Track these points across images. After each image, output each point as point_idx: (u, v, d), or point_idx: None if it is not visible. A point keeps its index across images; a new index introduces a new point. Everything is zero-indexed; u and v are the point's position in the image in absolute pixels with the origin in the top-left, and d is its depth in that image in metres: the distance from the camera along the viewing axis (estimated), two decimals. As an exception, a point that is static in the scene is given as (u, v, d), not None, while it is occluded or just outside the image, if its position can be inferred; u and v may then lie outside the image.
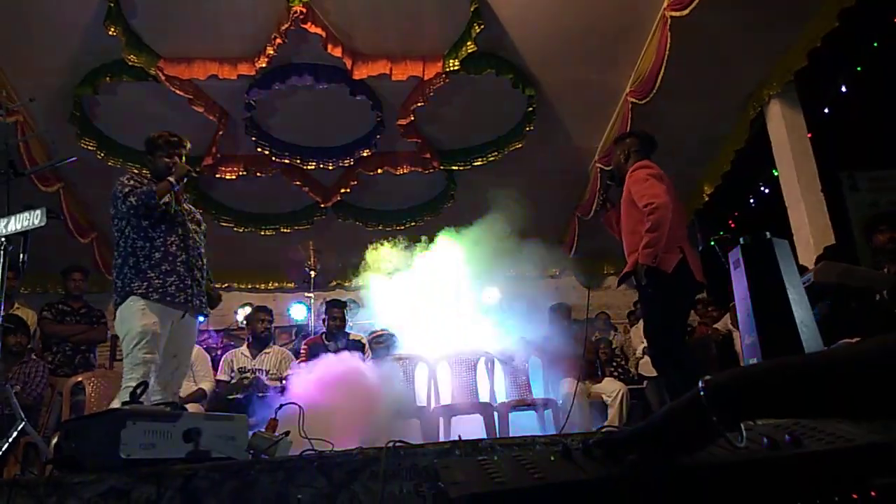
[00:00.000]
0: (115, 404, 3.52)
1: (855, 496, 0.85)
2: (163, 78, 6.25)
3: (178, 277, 3.54)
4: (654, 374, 5.52)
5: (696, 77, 6.38)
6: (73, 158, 5.28)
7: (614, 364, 6.73)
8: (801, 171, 6.40)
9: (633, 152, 3.96)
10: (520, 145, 7.44)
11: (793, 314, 2.48)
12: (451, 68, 6.34)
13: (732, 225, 9.14)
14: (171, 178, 3.60)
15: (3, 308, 3.34)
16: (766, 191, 8.25)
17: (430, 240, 6.83)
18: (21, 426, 3.20)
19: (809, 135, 6.61)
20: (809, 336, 2.44)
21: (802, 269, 4.11)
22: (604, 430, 2.19)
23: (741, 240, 2.71)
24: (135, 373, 3.31)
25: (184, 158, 3.80)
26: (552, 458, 0.93)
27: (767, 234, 2.63)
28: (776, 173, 6.94)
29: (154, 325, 3.39)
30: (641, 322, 5.77)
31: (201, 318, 4.08)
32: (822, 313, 3.63)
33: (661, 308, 3.62)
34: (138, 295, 3.42)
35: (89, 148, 6.85)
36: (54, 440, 3.41)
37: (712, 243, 4.54)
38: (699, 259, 3.65)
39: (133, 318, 3.39)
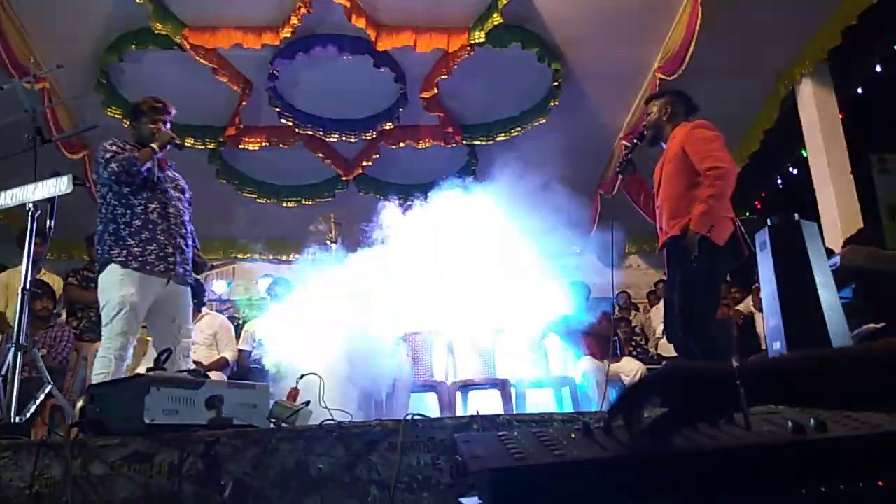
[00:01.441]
0: (140, 370, 3.58)
1: (881, 483, 0.84)
2: (188, 46, 6.25)
3: (158, 245, 3.47)
4: (674, 354, 5.49)
5: (726, 54, 6.24)
6: (97, 126, 5.34)
7: (633, 343, 6.71)
8: (831, 153, 6.28)
9: (676, 110, 3.65)
10: (543, 120, 7.37)
11: (819, 298, 2.43)
12: (477, 41, 6.27)
13: (758, 206, 9.02)
14: (154, 145, 3.53)
15: (31, 273, 3.39)
16: (794, 171, 8.11)
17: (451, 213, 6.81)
18: (48, 389, 3.27)
19: (841, 115, 6.46)
20: (835, 320, 2.40)
21: (829, 252, 4.04)
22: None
23: (769, 221, 2.64)
24: (112, 343, 3.31)
25: (168, 125, 3.71)
26: (572, 436, 0.93)
27: (796, 215, 2.56)
28: (805, 154, 6.81)
29: (132, 295, 3.35)
30: (662, 302, 5.72)
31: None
32: (848, 297, 3.57)
33: (705, 281, 3.27)
34: (117, 263, 3.39)
35: (115, 116, 6.90)
36: (79, 404, 3.49)
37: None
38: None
39: (112, 287, 3.37)
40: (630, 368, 5.77)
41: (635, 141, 3.91)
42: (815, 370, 0.80)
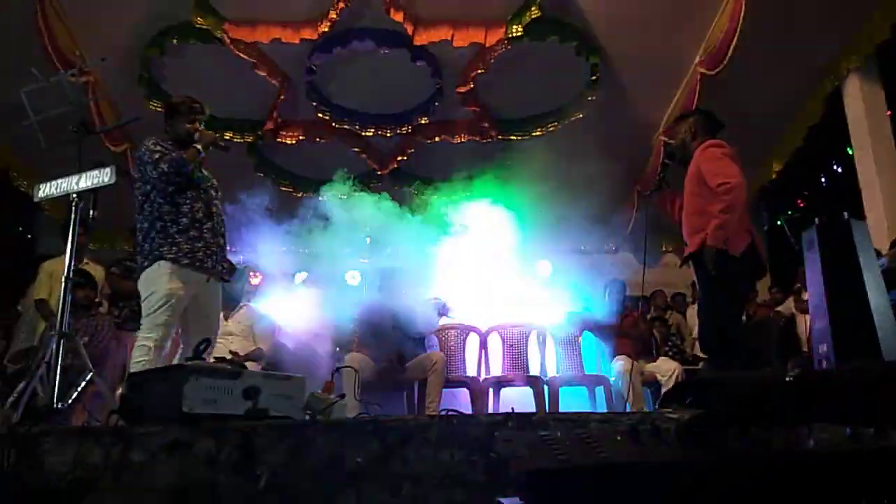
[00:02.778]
0: (177, 360, 3.63)
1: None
2: (228, 41, 6.32)
3: (205, 244, 3.55)
4: (712, 354, 5.40)
5: (771, 48, 6.09)
6: (139, 118, 5.43)
7: (669, 343, 6.60)
8: (878, 150, 6.11)
9: (700, 130, 3.80)
10: (581, 115, 7.29)
11: (868, 300, 2.36)
12: (514, 34, 6.22)
13: (801, 204, 8.80)
14: (199, 146, 3.57)
15: (73, 262, 3.46)
16: (839, 169, 7.90)
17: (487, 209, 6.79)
18: (89, 376, 3.34)
19: (889, 112, 6.28)
20: (884, 322, 2.32)
21: (877, 253, 3.92)
22: (662, 411, 2.14)
23: (816, 220, 2.58)
24: (153, 332, 3.36)
25: (202, 125, 3.74)
26: (618, 438, 0.90)
27: (846, 214, 2.50)
28: (851, 151, 6.63)
29: (179, 289, 3.43)
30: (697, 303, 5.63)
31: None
32: (896, 300, 3.46)
33: (724, 293, 3.48)
34: (168, 260, 3.44)
35: (157, 109, 7.01)
36: (119, 391, 3.56)
37: (780, 223, 4.38)
38: (763, 243, 3.54)
39: (160, 280, 3.42)
40: (666, 369, 5.68)
41: (667, 161, 4.13)
42: (869, 386, 0.77)
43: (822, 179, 8.44)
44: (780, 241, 3.80)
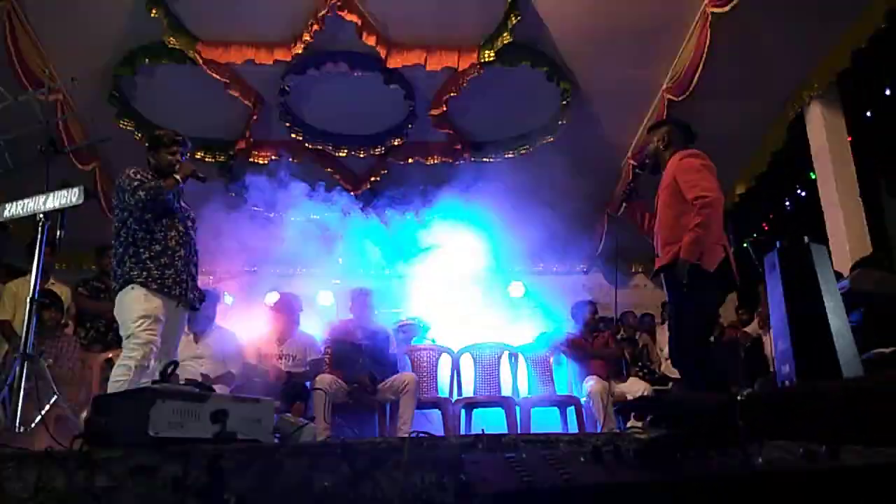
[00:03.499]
0: (146, 382, 3.58)
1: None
2: (200, 61, 6.31)
3: (176, 271, 3.64)
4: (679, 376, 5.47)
5: (735, 76, 6.26)
6: (109, 138, 5.39)
7: (640, 364, 6.67)
8: (840, 176, 6.26)
9: (674, 140, 3.77)
10: (552, 139, 7.39)
11: (828, 322, 2.42)
12: (487, 59, 6.31)
13: (766, 227, 8.98)
14: (178, 176, 3.71)
15: (39, 283, 3.41)
16: (803, 194, 8.09)
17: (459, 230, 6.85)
18: (54, 399, 3.27)
19: (850, 139, 6.45)
20: (844, 345, 2.38)
21: (837, 276, 4.02)
22: (630, 431, 2.16)
23: (778, 243, 2.65)
24: (136, 352, 3.40)
25: (184, 157, 3.89)
26: (582, 459, 0.92)
27: (806, 238, 2.57)
28: (813, 176, 6.80)
29: (156, 308, 3.51)
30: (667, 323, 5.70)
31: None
32: (857, 321, 3.55)
33: (695, 307, 3.43)
34: (138, 283, 3.53)
35: (127, 128, 6.95)
36: (84, 415, 3.49)
37: (746, 245, 4.46)
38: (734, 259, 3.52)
39: (135, 302, 3.50)
40: (636, 389, 5.74)
41: (637, 171, 4.12)
42: (821, 404, 0.80)
43: (787, 203, 8.62)
44: (744, 263, 3.84)
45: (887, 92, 6.87)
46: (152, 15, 5.75)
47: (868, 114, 7.05)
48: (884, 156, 7.09)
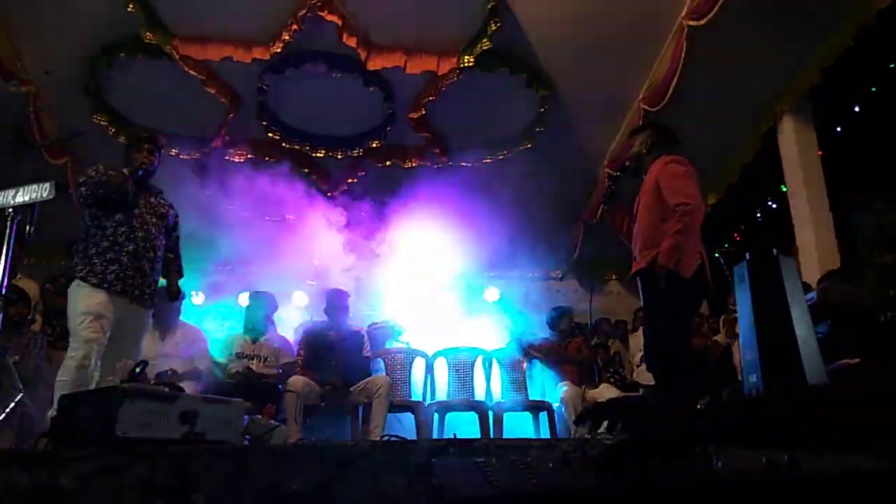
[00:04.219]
0: (113, 381, 3.53)
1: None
2: (177, 57, 6.24)
3: (120, 266, 3.63)
4: (652, 382, 5.52)
5: (710, 88, 6.35)
6: (81, 133, 5.31)
7: (611, 370, 6.72)
8: (811, 189, 6.38)
9: (656, 144, 3.80)
10: (529, 145, 7.44)
11: (795, 333, 2.47)
12: (466, 64, 6.33)
13: (738, 238, 9.13)
14: (125, 170, 3.75)
15: (6, 278, 3.35)
16: (774, 206, 8.24)
17: (435, 233, 6.85)
18: (19, 396, 3.21)
19: (820, 153, 6.58)
20: (810, 355, 2.43)
21: (806, 287, 4.10)
22: (598, 437, 2.18)
23: (747, 255, 2.70)
24: (77, 351, 3.41)
25: (159, 154, 3.95)
26: (550, 465, 0.93)
27: (774, 250, 2.62)
28: (785, 189, 6.92)
29: (98, 305, 3.50)
30: (641, 329, 5.75)
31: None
32: (824, 332, 3.62)
33: (671, 313, 3.44)
34: (80, 279, 3.56)
35: (101, 123, 6.85)
36: (50, 413, 3.43)
37: (717, 255, 4.52)
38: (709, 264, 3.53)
39: (78, 299, 3.52)
40: (607, 395, 5.77)
41: (618, 173, 4.07)
42: (782, 411, 0.81)
43: (758, 214, 8.77)
44: (714, 273, 3.89)
45: (856, 108, 7.03)
46: (129, 9, 5.67)
47: (838, 129, 7.21)
48: (853, 170, 7.24)
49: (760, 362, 2.47)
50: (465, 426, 5.40)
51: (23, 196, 3.35)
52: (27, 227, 3.47)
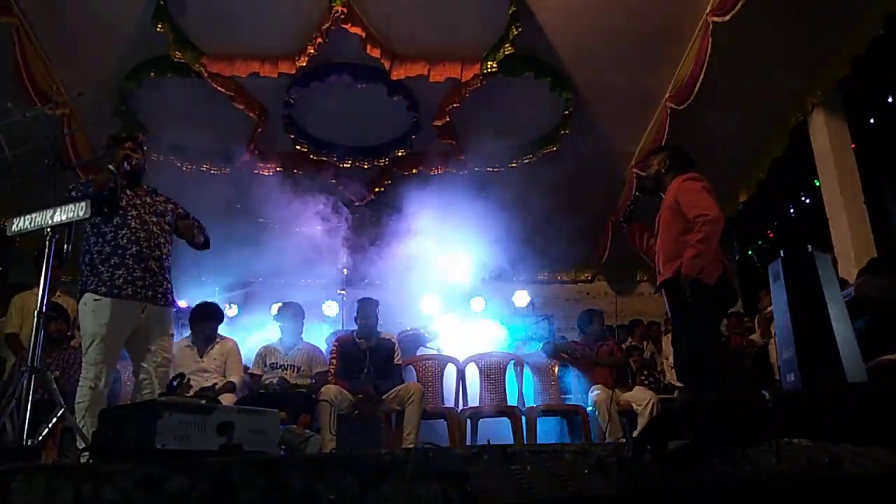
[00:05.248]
0: (152, 395, 3.59)
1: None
2: (206, 74, 6.36)
3: (127, 269, 3.58)
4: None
5: (737, 83, 6.28)
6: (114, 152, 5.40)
7: (645, 373, 6.65)
8: (844, 183, 6.26)
9: (673, 164, 3.96)
10: (555, 148, 7.41)
11: (832, 330, 2.42)
12: (489, 70, 6.34)
13: (771, 235, 8.97)
14: (110, 166, 3.70)
15: (46, 296, 3.43)
16: (808, 201, 8.09)
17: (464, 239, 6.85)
18: (60, 412, 3.28)
19: (853, 145, 6.45)
20: (849, 352, 2.38)
21: (843, 283, 4.01)
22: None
23: (782, 252, 2.66)
24: (89, 372, 3.43)
25: (140, 150, 3.91)
26: (585, 471, 0.93)
27: (809, 247, 2.58)
28: (818, 184, 6.80)
29: (103, 327, 3.47)
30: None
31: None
32: (862, 328, 3.54)
33: (699, 320, 3.56)
34: (90, 291, 3.52)
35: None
36: (90, 427, 3.50)
37: (750, 253, 4.46)
38: (734, 272, 3.63)
39: (87, 318, 3.50)
40: (642, 398, 5.71)
41: (637, 193, 4.29)
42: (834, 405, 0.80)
43: (791, 211, 8.62)
44: (748, 271, 3.87)
45: (889, 99, 6.88)
46: (158, 29, 5.80)
47: (871, 120, 7.06)
48: (888, 162, 7.08)
49: (798, 361, 2.43)
50: (498, 432, 5.38)
51: (60, 216, 3.41)
52: (65, 246, 3.54)
